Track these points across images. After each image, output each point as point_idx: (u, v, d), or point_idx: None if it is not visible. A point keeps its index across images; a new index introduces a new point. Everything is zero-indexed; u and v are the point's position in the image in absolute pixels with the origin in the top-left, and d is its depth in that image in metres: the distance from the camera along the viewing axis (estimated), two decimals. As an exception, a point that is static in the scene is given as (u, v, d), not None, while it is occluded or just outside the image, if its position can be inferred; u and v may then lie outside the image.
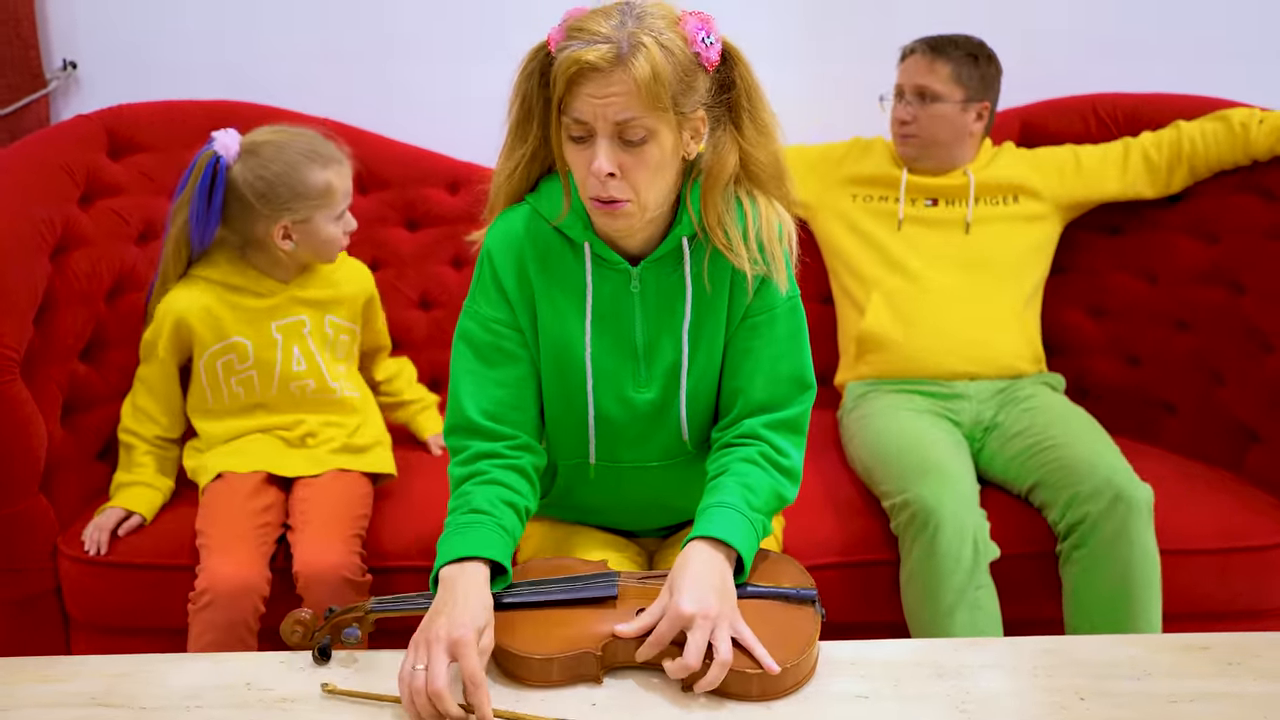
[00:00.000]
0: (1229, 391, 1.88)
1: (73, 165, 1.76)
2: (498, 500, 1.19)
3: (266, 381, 1.65)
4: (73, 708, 1.05)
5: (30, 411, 1.54)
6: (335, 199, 1.59)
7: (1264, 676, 1.10)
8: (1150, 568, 1.53)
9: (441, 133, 2.14)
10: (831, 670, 1.10)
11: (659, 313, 1.25)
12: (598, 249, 1.23)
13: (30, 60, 2.16)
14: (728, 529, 1.15)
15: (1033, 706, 1.05)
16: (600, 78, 1.08)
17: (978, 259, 1.91)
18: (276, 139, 1.59)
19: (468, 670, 1.01)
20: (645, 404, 1.28)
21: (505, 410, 1.25)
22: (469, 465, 1.23)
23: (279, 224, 1.58)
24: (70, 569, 1.59)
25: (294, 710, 1.05)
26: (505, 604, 1.15)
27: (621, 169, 1.12)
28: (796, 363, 1.26)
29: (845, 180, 2.01)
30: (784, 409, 1.24)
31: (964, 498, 1.55)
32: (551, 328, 1.25)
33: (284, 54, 2.18)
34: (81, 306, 1.71)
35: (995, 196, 1.95)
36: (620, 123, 1.10)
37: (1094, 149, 1.98)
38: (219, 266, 1.63)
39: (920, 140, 1.93)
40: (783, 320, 1.25)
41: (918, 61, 1.92)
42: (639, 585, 1.20)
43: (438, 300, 2.08)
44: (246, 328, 1.62)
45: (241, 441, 1.64)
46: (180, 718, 1.04)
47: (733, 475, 1.21)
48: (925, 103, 1.91)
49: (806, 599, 1.16)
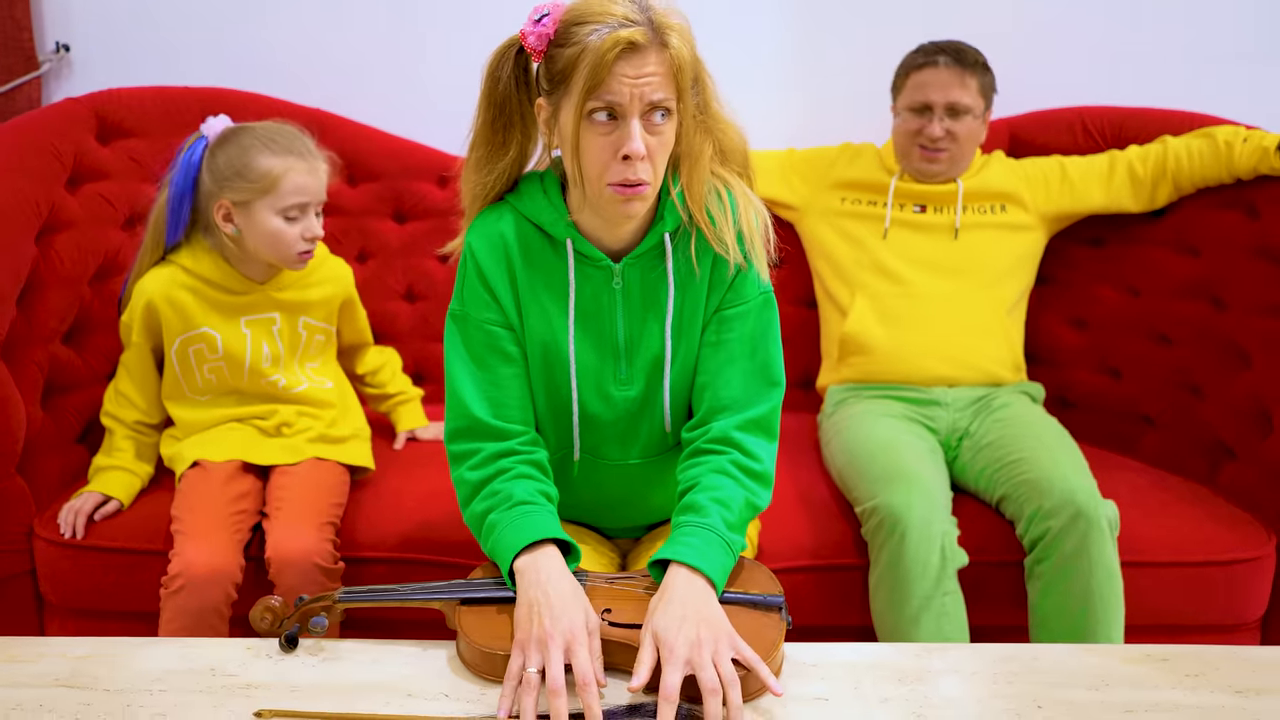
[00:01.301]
0: (1207, 406, 1.89)
1: (61, 148, 1.77)
2: (536, 492, 1.21)
3: (236, 372, 1.65)
4: (38, 688, 1.06)
5: (9, 392, 1.54)
6: (278, 189, 1.55)
7: (1222, 689, 1.10)
8: (1111, 585, 1.53)
9: (431, 126, 2.14)
10: (793, 671, 1.11)
11: (641, 309, 1.26)
12: (580, 246, 1.23)
13: (23, 42, 2.16)
14: (704, 558, 1.13)
15: (990, 714, 1.05)
16: (638, 57, 1.10)
17: (963, 265, 1.92)
18: (253, 127, 1.59)
19: (581, 669, 1.01)
20: (627, 400, 1.28)
21: (510, 409, 1.25)
22: (487, 467, 1.23)
23: (218, 201, 1.57)
24: (45, 551, 1.59)
25: (257, 696, 1.05)
26: (473, 598, 1.16)
27: (647, 150, 1.13)
28: (766, 358, 1.26)
29: (834, 184, 2.01)
30: (753, 406, 1.24)
31: (934, 505, 1.56)
32: (536, 326, 1.26)
33: (276, 44, 2.19)
34: (65, 289, 1.72)
35: (983, 205, 1.95)
36: (654, 102, 1.12)
37: (1080, 161, 1.99)
38: (198, 258, 1.62)
39: (952, 156, 1.91)
40: (755, 314, 1.26)
41: (948, 76, 1.88)
42: (607, 586, 1.20)
43: (423, 293, 2.09)
44: (216, 319, 1.62)
45: (218, 430, 1.65)
46: (144, 700, 1.04)
47: (706, 491, 1.19)
48: (957, 118, 1.89)
49: (774, 606, 1.17)
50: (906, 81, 1.93)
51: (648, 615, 1.09)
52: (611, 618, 1.13)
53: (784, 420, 1.30)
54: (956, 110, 1.88)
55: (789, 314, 2.14)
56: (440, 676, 1.10)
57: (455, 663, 1.12)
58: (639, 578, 1.21)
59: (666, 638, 1.04)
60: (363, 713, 1.03)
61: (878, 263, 1.93)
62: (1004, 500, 1.66)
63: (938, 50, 1.90)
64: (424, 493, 1.67)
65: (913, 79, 1.92)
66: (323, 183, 1.61)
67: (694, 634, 1.04)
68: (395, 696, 1.06)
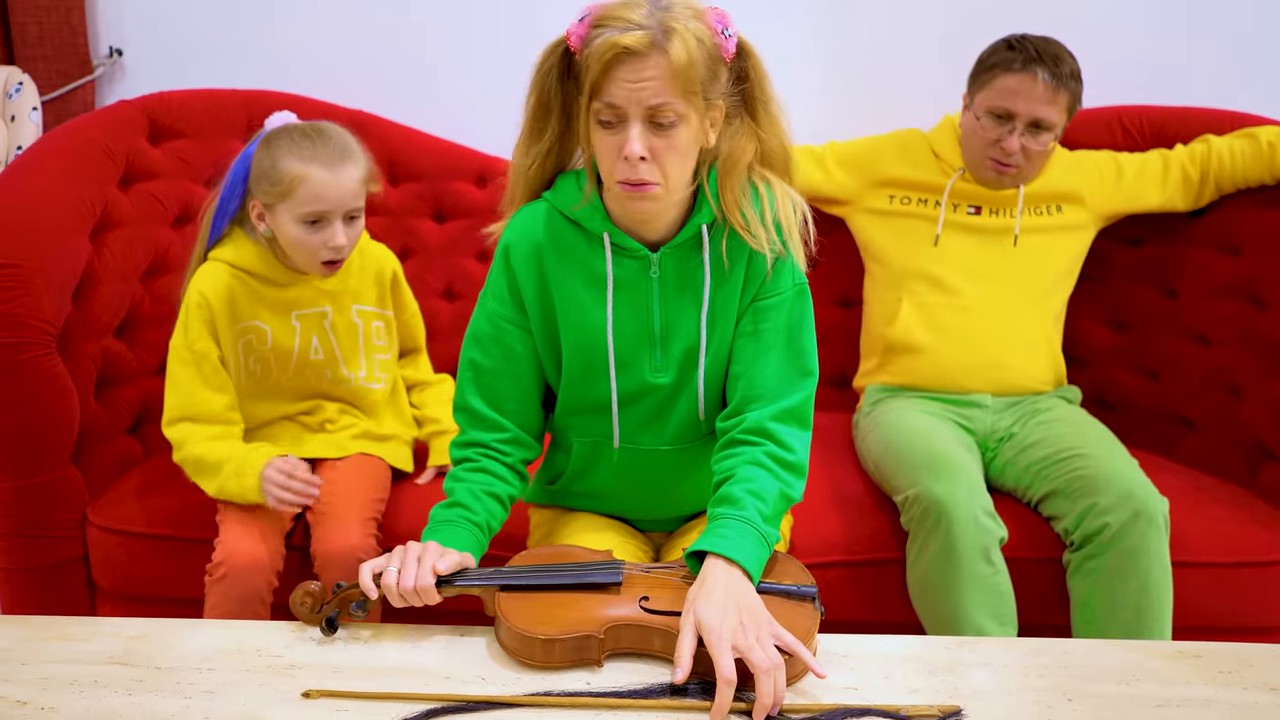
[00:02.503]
0: (1246, 407, 1.88)
1: (114, 149, 1.82)
2: (481, 492, 1.29)
3: (283, 365, 1.62)
4: (92, 665, 1.10)
5: (65, 384, 1.59)
6: (298, 196, 1.49)
7: (1255, 686, 1.10)
8: (1166, 583, 1.53)
9: (471, 127, 2.18)
10: (825, 661, 1.12)
11: (678, 298, 1.28)
12: (616, 239, 1.27)
13: (78, 47, 2.23)
14: (740, 550, 1.15)
15: (1019, 705, 1.06)
16: (636, 62, 1.13)
17: (1018, 274, 1.85)
18: (294, 128, 1.55)
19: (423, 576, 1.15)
20: (662, 388, 1.31)
21: (502, 401, 1.32)
22: (464, 450, 1.33)
23: (252, 200, 1.55)
24: (98, 537, 1.64)
25: (301, 676, 1.09)
26: (512, 585, 1.19)
27: (652, 153, 1.16)
28: (801, 348, 1.29)
29: (882, 181, 1.93)
30: (787, 396, 1.27)
31: (974, 489, 1.55)
32: (572, 318, 1.29)
33: (321, 46, 2.23)
34: (118, 285, 1.77)
35: (1040, 205, 1.88)
36: (653, 107, 1.14)
37: (1133, 158, 1.94)
38: (242, 251, 1.58)
39: (1023, 172, 1.83)
40: (790, 305, 1.28)
41: (1041, 90, 1.75)
42: (643, 575, 1.22)
43: (462, 291, 2.12)
44: (265, 312, 1.59)
45: (265, 430, 1.65)
46: (193, 678, 1.08)
47: (741, 483, 1.22)
48: (1037, 134, 1.78)
49: (807, 596, 1.19)
50: (993, 81, 1.79)
51: (686, 605, 1.11)
52: (649, 605, 1.15)
53: (818, 418, 1.32)
54: (1040, 126, 1.78)
55: (826, 313, 2.14)
56: (477, 660, 1.13)
57: (492, 648, 1.15)
58: (675, 567, 1.23)
59: (711, 624, 1.06)
60: (405, 691, 1.06)
61: (927, 269, 1.86)
62: (1052, 496, 1.64)
63: (1035, 58, 1.75)
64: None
65: (1000, 81, 1.78)
66: (351, 191, 1.53)
67: (736, 620, 1.07)
68: (434, 679, 1.09)
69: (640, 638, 1.13)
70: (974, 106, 1.83)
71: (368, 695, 1.05)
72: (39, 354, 1.55)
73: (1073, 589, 1.58)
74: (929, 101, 2.02)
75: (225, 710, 1.03)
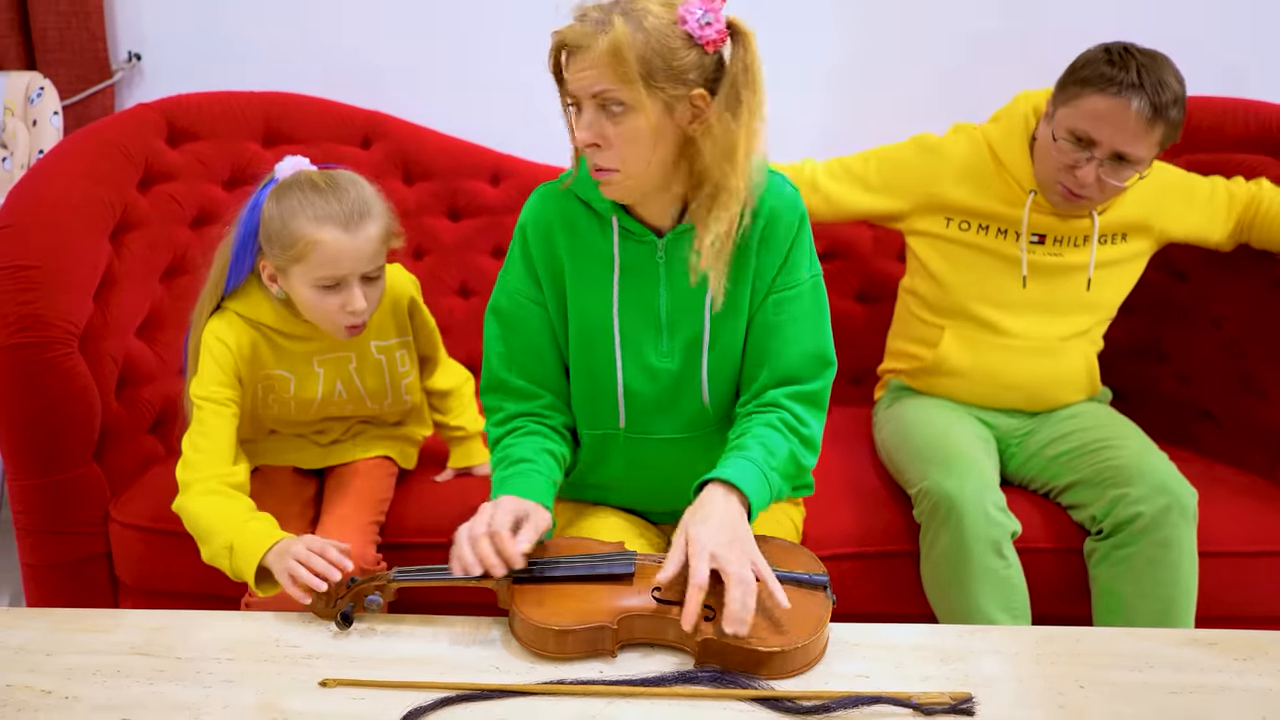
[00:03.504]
0: (1267, 402, 1.86)
1: (133, 151, 1.85)
2: (540, 450, 1.31)
3: (304, 410, 1.56)
4: (114, 655, 1.12)
5: (86, 383, 1.62)
6: (310, 261, 1.36)
7: (1270, 674, 1.10)
8: (1193, 573, 1.52)
9: (485, 126, 2.20)
10: (836, 651, 1.13)
11: (684, 283, 1.30)
12: (625, 222, 1.29)
13: (98, 52, 2.27)
14: (742, 476, 1.20)
15: (1030, 693, 1.06)
16: (579, 53, 1.18)
17: (1082, 310, 1.74)
18: (305, 182, 1.39)
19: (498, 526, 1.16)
20: (667, 374, 1.34)
21: (533, 371, 1.36)
22: (506, 425, 1.35)
23: (262, 260, 1.42)
24: (120, 534, 1.66)
25: (318, 666, 1.11)
26: (524, 577, 1.20)
27: (605, 139, 1.20)
28: (819, 339, 1.31)
29: (938, 205, 1.74)
30: (806, 383, 1.30)
31: (985, 484, 1.55)
32: (580, 298, 1.32)
33: (334, 48, 2.26)
34: (138, 285, 1.79)
35: (1106, 235, 1.71)
36: (596, 94, 1.18)
37: (1202, 186, 1.77)
38: (256, 306, 1.47)
39: (1092, 203, 1.65)
40: (807, 297, 1.31)
41: (1134, 122, 1.53)
42: (656, 565, 1.23)
43: (476, 289, 2.14)
44: (287, 363, 1.51)
45: (272, 441, 1.62)
46: (213, 668, 1.10)
47: (753, 436, 1.26)
48: (1117, 168, 1.58)
49: (819, 584, 1.19)
50: (1082, 98, 1.57)
51: (681, 524, 1.15)
52: (662, 595, 1.16)
53: (835, 413, 1.35)
54: (1124, 160, 1.57)
55: (847, 307, 2.15)
56: (491, 652, 1.14)
57: (506, 639, 1.16)
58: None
59: (697, 535, 1.12)
60: (421, 680, 1.07)
61: (983, 309, 1.73)
62: (1077, 485, 1.62)
63: (1135, 84, 1.52)
64: (470, 480, 1.72)
65: (1089, 102, 1.56)
66: (370, 253, 1.39)
67: (723, 538, 1.12)
68: (448, 669, 1.11)
69: (653, 628, 1.14)
70: (1054, 121, 1.61)
71: (383, 684, 1.07)
72: (61, 353, 1.58)
73: (1096, 578, 1.57)
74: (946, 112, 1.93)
75: (244, 699, 1.05)
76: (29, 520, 1.65)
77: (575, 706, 1.04)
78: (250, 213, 1.41)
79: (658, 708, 1.04)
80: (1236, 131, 1.94)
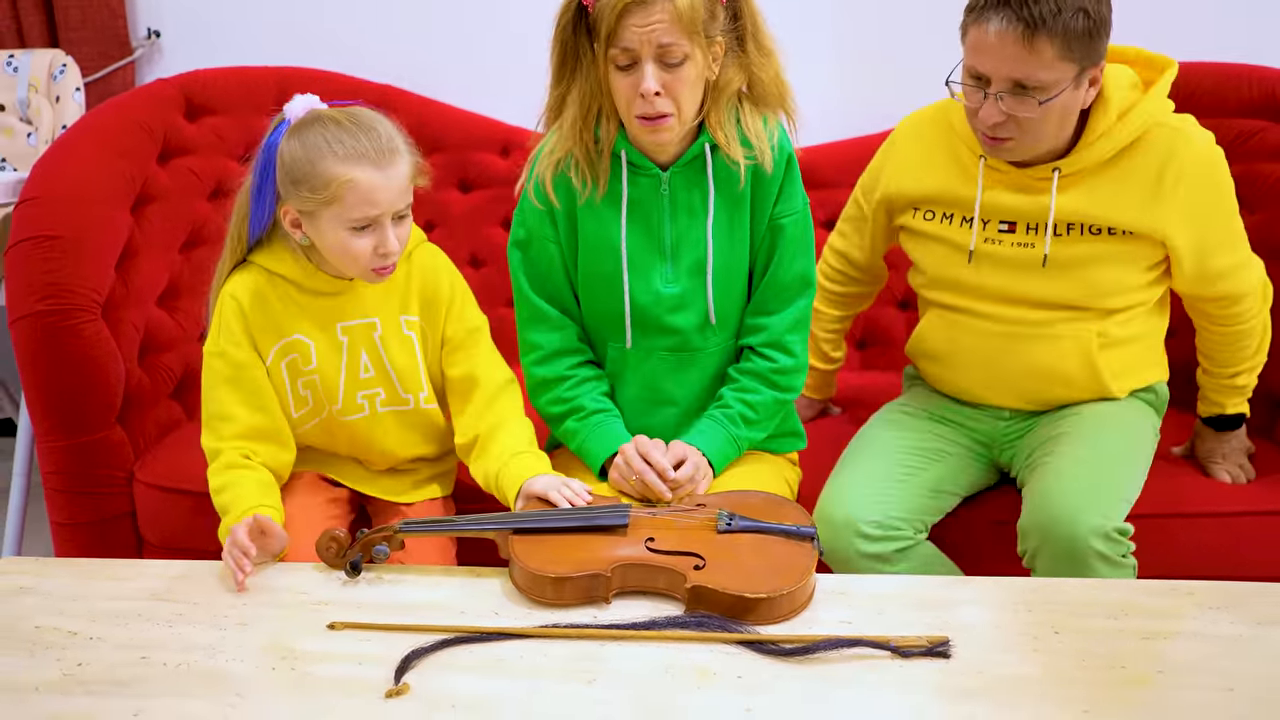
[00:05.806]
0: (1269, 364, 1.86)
1: (152, 126, 1.91)
2: (602, 396, 1.51)
3: (331, 388, 1.44)
4: (135, 600, 1.19)
5: (110, 349, 1.68)
6: (345, 202, 1.30)
7: (1242, 621, 1.13)
8: None
9: (495, 98, 2.24)
10: (821, 599, 1.18)
11: (686, 212, 1.45)
12: (632, 157, 1.43)
13: (118, 29, 2.33)
14: (710, 445, 1.45)
15: (1006, 637, 1.10)
16: (643, 9, 1.30)
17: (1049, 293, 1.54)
18: (328, 119, 1.33)
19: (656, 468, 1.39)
20: (672, 296, 1.47)
21: (571, 310, 1.51)
22: (552, 364, 1.51)
23: (285, 206, 1.35)
24: (144, 494, 1.73)
25: (327, 611, 1.17)
26: (525, 528, 1.25)
27: (665, 88, 1.33)
28: (806, 262, 1.49)
29: (908, 204, 1.62)
30: (795, 305, 1.49)
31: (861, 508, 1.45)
32: (590, 228, 1.46)
33: (347, 21, 2.31)
34: (158, 256, 1.86)
35: (1092, 225, 1.51)
36: (663, 46, 1.31)
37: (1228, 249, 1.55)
38: (279, 257, 1.41)
39: (1020, 144, 1.44)
40: (800, 223, 1.48)
41: (1006, 43, 1.36)
42: (649, 517, 1.29)
43: (487, 259, 2.19)
44: (308, 324, 1.42)
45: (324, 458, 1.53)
46: (229, 612, 1.17)
47: (740, 392, 1.48)
48: (1025, 95, 1.39)
49: (806, 535, 1.24)
50: (966, 36, 1.43)
51: None
52: (655, 545, 1.22)
53: (858, 379, 1.62)
54: (1024, 89, 1.39)
55: (885, 315, 2.09)
56: (492, 599, 1.20)
57: (507, 588, 1.22)
58: (680, 510, 1.30)
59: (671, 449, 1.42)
60: (423, 623, 1.13)
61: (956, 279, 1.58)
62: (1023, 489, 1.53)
63: (996, 4, 1.36)
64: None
65: (969, 37, 1.42)
66: (400, 187, 1.34)
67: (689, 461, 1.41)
68: (451, 614, 1.16)
69: (646, 576, 1.19)
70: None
71: (388, 627, 1.13)
72: (84, 320, 1.64)
73: None
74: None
75: (256, 640, 1.11)
76: (57, 480, 1.72)
77: (570, 648, 1.09)
78: (265, 154, 1.35)
79: (648, 650, 1.09)
80: (1240, 97, 1.94)
